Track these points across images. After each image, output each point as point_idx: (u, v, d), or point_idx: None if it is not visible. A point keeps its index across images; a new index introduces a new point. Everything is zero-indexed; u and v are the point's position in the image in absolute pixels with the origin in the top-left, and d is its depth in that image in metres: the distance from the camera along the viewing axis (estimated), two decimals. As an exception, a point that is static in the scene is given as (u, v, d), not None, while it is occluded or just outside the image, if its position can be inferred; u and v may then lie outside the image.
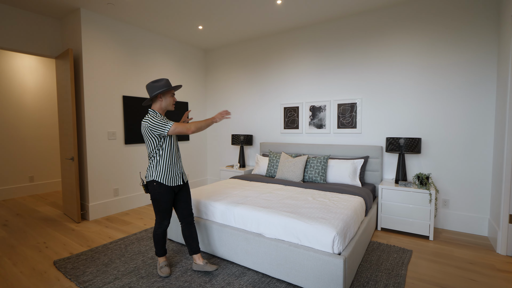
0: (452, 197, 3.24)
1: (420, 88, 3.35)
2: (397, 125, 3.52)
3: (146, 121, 2.12)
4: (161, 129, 2.09)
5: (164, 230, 2.29)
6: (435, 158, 3.31)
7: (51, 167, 5.36)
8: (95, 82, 3.65)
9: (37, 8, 3.49)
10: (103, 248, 2.77)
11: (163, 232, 2.29)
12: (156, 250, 2.32)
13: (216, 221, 2.63)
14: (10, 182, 4.80)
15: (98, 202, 3.72)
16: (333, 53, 3.93)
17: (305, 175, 3.60)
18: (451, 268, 2.39)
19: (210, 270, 2.26)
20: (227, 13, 3.67)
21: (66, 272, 2.31)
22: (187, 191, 2.37)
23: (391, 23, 3.48)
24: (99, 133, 3.71)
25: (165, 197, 2.20)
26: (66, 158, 3.69)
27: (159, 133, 2.10)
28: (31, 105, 5.05)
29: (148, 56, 4.35)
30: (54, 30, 3.83)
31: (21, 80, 4.90)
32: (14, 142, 4.83)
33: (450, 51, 3.16)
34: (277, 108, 4.54)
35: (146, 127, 2.10)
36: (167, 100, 2.24)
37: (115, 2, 3.35)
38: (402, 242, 2.93)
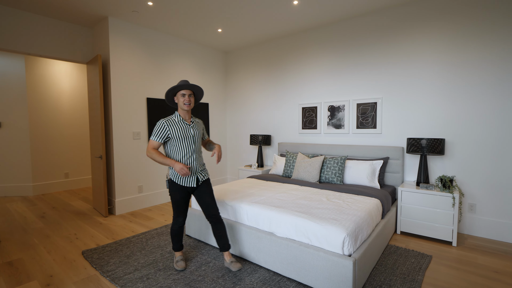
0: (479, 202, 3.06)
1: (444, 86, 3.20)
2: (419, 125, 3.38)
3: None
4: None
5: (180, 227, 2.39)
6: (460, 160, 3.14)
7: (84, 165, 5.77)
8: (121, 85, 3.89)
9: (71, 18, 3.79)
10: (126, 241, 2.95)
11: (178, 229, 2.39)
12: (172, 244, 2.44)
13: (229, 218, 2.71)
14: (48, 178, 5.24)
15: (123, 198, 3.96)
16: (351, 51, 3.86)
17: (322, 176, 3.57)
18: (473, 276, 2.27)
19: (232, 269, 2.26)
20: (245, 16, 3.74)
21: (93, 261, 2.50)
22: (206, 191, 2.34)
23: (412, 18, 3.35)
24: (125, 133, 3.95)
25: (177, 195, 2.29)
26: (95, 156, 3.97)
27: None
28: (67, 107, 5.47)
29: (171, 59, 4.54)
30: (86, 38, 4.13)
31: (57, 84, 5.33)
32: (52, 141, 5.27)
33: (476, 46, 2.98)
34: (295, 108, 4.53)
35: None
36: (179, 101, 2.28)
37: (140, 10, 3.54)
38: (422, 247, 2.83)
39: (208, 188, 2.37)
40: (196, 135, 2.33)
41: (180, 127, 2.27)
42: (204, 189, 2.35)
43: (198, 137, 2.35)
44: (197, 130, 2.36)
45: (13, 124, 4.91)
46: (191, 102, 2.28)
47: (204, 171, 2.40)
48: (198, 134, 2.35)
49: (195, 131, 2.33)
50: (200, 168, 2.36)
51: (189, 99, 2.27)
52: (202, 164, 2.41)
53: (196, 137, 2.33)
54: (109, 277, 2.24)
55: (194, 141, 2.31)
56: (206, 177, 2.40)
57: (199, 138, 2.37)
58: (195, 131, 2.33)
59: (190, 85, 2.27)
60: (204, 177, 2.38)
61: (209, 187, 2.38)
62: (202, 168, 2.38)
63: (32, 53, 3.63)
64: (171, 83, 4.56)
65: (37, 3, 3.32)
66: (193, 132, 2.32)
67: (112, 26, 3.77)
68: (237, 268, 2.25)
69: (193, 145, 2.30)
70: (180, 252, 2.46)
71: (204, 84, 5.14)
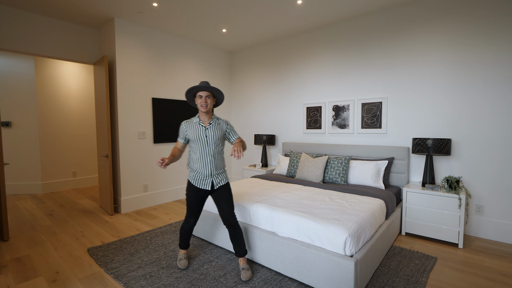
0: (487, 203, 3.00)
1: (451, 85, 3.15)
2: (424, 125, 3.33)
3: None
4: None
5: (190, 227, 2.39)
6: (467, 161, 3.08)
7: (91, 164, 5.86)
8: (127, 85, 3.94)
9: (78, 20, 3.86)
10: (130, 239, 2.99)
11: (189, 229, 2.39)
12: (179, 241, 2.45)
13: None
14: (56, 176, 5.34)
15: (129, 197, 4.01)
16: (356, 51, 3.83)
17: (325, 176, 3.55)
18: (478, 278, 2.23)
19: (242, 277, 2.18)
20: (248, 16, 3.75)
21: (97, 259, 2.54)
22: (223, 196, 2.27)
23: (417, 17, 3.31)
24: (130, 133, 4.00)
25: (192, 196, 2.29)
26: (101, 155, 4.03)
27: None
28: (74, 107, 5.57)
29: (176, 59, 4.58)
30: (93, 39, 4.20)
31: (66, 85, 5.43)
32: (60, 141, 5.37)
33: (483, 44, 2.92)
34: (300, 108, 4.52)
35: None
36: (197, 102, 2.26)
37: (145, 11, 3.58)
38: (427, 248, 2.79)
39: (226, 193, 2.29)
40: (211, 137, 2.24)
41: (195, 129, 2.24)
42: (221, 193, 2.28)
43: (214, 140, 2.25)
44: (214, 132, 2.26)
45: (23, 123, 5.02)
46: (208, 104, 2.21)
47: (221, 175, 2.30)
48: (214, 136, 2.25)
49: (210, 134, 2.24)
50: (216, 172, 2.27)
51: (206, 101, 2.21)
52: (220, 167, 2.30)
53: (210, 140, 2.24)
54: (113, 274, 2.28)
55: (207, 144, 2.23)
56: (224, 182, 2.31)
57: (216, 140, 2.26)
58: (211, 134, 2.24)
59: (207, 87, 2.20)
60: (221, 181, 2.29)
61: (227, 192, 2.29)
62: (219, 172, 2.29)
63: (41, 54, 3.71)
64: (177, 83, 4.60)
65: (46, 5, 3.39)
66: (208, 134, 2.23)
67: (118, 27, 3.82)
68: (246, 277, 2.17)
69: (206, 147, 2.23)
70: (184, 250, 2.48)
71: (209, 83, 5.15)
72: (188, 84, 4.79)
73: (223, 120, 2.38)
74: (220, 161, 2.31)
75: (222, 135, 2.32)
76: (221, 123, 2.34)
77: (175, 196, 4.64)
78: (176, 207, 4.21)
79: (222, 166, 2.33)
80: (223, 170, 2.35)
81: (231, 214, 2.29)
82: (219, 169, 2.30)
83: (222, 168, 2.34)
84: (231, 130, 2.38)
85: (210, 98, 2.25)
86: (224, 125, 2.35)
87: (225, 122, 2.37)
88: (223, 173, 2.34)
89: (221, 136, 2.30)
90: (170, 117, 4.50)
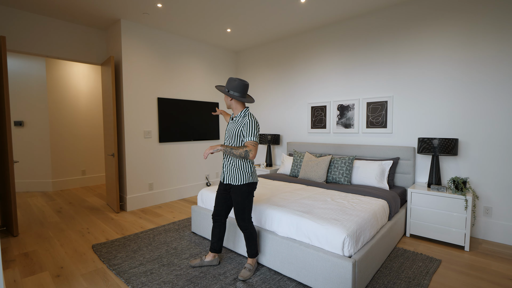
0: (495, 205, 2.91)
1: (457, 84, 3.07)
2: (431, 124, 3.26)
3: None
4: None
5: (215, 222, 2.35)
6: (475, 161, 3.00)
7: (99, 163, 5.99)
8: (133, 86, 4.01)
9: (86, 21, 3.95)
10: (134, 236, 3.04)
11: (214, 221, 2.36)
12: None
13: (231, 216, 2.73)
14: (66, 174, 5.48)
15: (134, 195, 4.08)
16: (361, 49, 3.78)
17: (329, 176, 3.52)
18: (484, 282, 2.17)
19: (238, 276, 2.20)
20: (253, 16, 3.75)
21: (101, 255, 2.59)
22: (234, 198, 2.21)
23: (423, 14, 3.23)
24: (136, 132, 4.06)
25: (218, 187, 2.37)
26: (108, 154, 4.12)
27: None
28: (84, 107, 5.70)
29: (181, 60, 4.63)
30: (100, 40, 4.29)
31: (76, 85, 5.57)
32: (70, 140, 5.51)
33: (490, 42, 2.84)
34: (305, 108, 4.50)
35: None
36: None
37: (150, 12, 3.64)
38: (431, 250, 2.73)
39: (236, 197, 2.20)
40: (228, 131, 2.24)
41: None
42: (232, 195, 2.24)
43: (229, 134, 2.21)
44: (232, 127, 2.21)
45: (34, 123, 5.17)
46: (226, 103, 2.29)
47: (233, 174, 2.19)
48: (230, 131, 2.21)
49: (229, 128, 2.25)
50: (228, 168, 2.21)
51: (225, 100, 2.30)
52: (233, 165, 2.19)
53: (227, 134, 2.26)
54: (115, 270, 2.32)
55: (225, 137, 2.30)
56: (234, 182, 2.18)
57: (231, 135, 2.20)
58: (230, 128, 2.24)
59: (219, 88, 2.29)
60: (231, 180, 2.21)
61: (235, 196, 2.21)
62: (231, 169, 2.20)
63: (52, 56, 3.81)
64: (182, 83, 4.64)
65: (56, 8, 3.49)
66: (228, 128, 2.27)
67: (124, 28, 3.89)
68: (242, 276, 2.18)
69: (224, 141, 2.30)
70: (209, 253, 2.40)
71: (214, 83, 5.19)
72: (194, 84, 4.83)
73: (247, 119, 2.17)
74: (233, 158, 2.19)
75: (238, 132, 2.17)
76: (242, 120, 2.18)
77: (180, 195, 4.69)
78: (181, 206, 4.25)
79: (237, 165, 2.18)
80: (237, 169, 2.18)
81: (238, 216, 2.22)
82: (231, 165, 2.20)
83: (237, 167, 2.18)
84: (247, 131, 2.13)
85: (227, 98, 2.27)
86: (242, 123, 2.16)
87: (245, 121, 2.16)
88: (237, 172, 2.18)
89: (237, 133, 2.17)
90: (176, 117, 4.55)
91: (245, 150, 2.06)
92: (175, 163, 4.60)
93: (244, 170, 2.18)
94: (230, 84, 2.20)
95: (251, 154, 2.07)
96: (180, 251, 2.69)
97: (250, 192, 2.21)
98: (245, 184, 2.18)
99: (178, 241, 2.93)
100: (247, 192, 2.20)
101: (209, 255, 2.40)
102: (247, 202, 2.21)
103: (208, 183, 5.13)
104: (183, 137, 4.68)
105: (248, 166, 2.21)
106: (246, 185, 2.18)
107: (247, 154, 2.06)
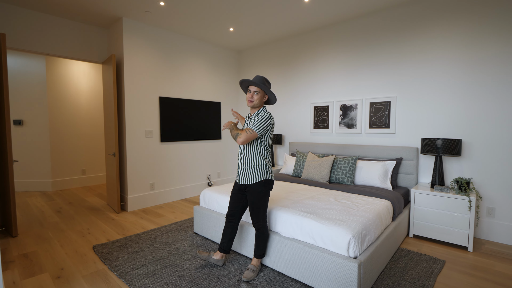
0: (499, 206, 2.90)
1: (461, 84, 3.05)
2: (434, 125, 3.25)
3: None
4: None
5: (227, 222, 2.32)
6: (478, 162, 2.99)
7: (100, 162, 5.95)
8: (134, 85, 3.98)
9: (88, 20, 3.92)
10: (135, 237, 3.01)
11: (227, 221, 2.33)
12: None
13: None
14: (66, 174, 5.44)
15: (136, 195, 4.05)
16: (364, 50, 3.77)
17: (332, 176, 3.50)
18: (488, 283, 2.16)
19: (242, 277, 2.16)
20: (256, 15, 3.73)
21: (102, 256, 2.56)
22: (250, 198, 2.19)
23: (427, 15, 3.22)
24: (137, 131, 4.03)
25: (233, 186, 2.34)
26: (109, 153, 4.08)
27: None
28: (84, 106, 5.66)
29: (183, 58, 4.60)
30: (102, 38, 4.25)
31: (76, 84, 5.53)
32: (70, 139, 5.47)
33: (494, 42, 2.83)
34: (307, 108, 4.48)
35: None
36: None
37: (152, 10, 3.61)
38: (435, 251, 2.71)
39: (252, 197, 2.17)
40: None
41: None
42: (248, 195, 2.21)
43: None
44: (248, 125, 2.19)
45: (34, 122, 5.13)
46: (253, 99, 2.13)
47: (248, 173, 2.17)
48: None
49: (244, 127, 2.23)
50: (243, 166, 2.20)
51: (252, 96, 2.14)
52: (249, 164, 2.18)
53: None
54: (117, 271, 2.29)
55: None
56: (250, 181, 2.16)
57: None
58: (245, 127, 2.22)
59: (256, 83, 2.11)
60: (246, 180, 2.18)
61: (251, 196, 2.18)
62: (246, 168, 2.19)
63: (52, 54, 3.78)
64: (184, 83, 4.61)
65: (57, 5, 3.45)
66: (244, 127, 2.23)
67: (126, 26, 3.86)
68: (245, 277, 2.14)
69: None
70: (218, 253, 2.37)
71: (216, 83, 5.17)
72: (196, 83, 4.80)
73: (265, 112, 2.17)
74: (249, 158, 2.17)
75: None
76: (256, 116, 2.17)
77: (182, 195, 4.67)
78: (182, 206, 4.22)
79: (252, 163, 2.16)
80: (251, 168, 2.16)
81: (253, 216, 2.20)
82: (247, 164, 2.18)
83: (253, 166, 2.16)
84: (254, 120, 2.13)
85: (259, 94, 2.14)
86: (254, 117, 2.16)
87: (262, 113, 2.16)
88: (251, 171, 2.16)
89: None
90: (177, 116, 4.52)
91: (237, 133, 2.11)
92: (177, 163, 4.57)
93: (259, 168, 2.16)
94: (265, 88, 2.13)
95: (239, 138, 2.08)
96: (183, 252, 2.66)
97: (266, 192, 2.19)
98: (262, 182, 2.15)
99: (180, 241, 2.90)
100: (263, 193, 2.18)
101: (217, 254, 2.38)
102: (263, 202, 2.19)
103: (210, 183, 5.11)
104: (185, 137, 4.66)
105: (263, 163, 2.17)
106: (263, 183, 2.16)
107: (236, 136, 2.10)
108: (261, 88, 2.13)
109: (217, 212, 2.91)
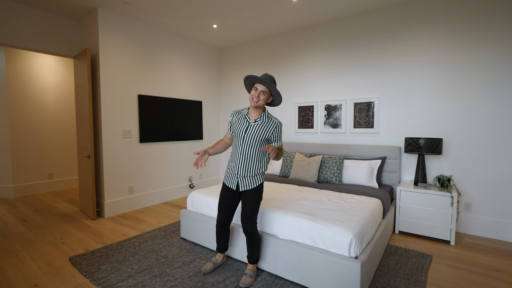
0: (475, 201, 3.09)
1: (442, 86, 3.21)
2: (416, 125, 3.39)
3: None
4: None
5: (220, 226, 2.24)
6: (457, 160, 3.16)
7: (69, 165, 5.50)
8: (111, 81, 3.70)
9: (57, 10, 3.57)
10: (117, 245, 2.79)
11: (219, 228, 2.25)
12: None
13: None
14: (30, 178, 4.95)
15: (113, 200, 3.77)
16: (349, 51, 3.83)
17: (320, 176, 3.52)
18: (474, 275, 2.27)
19: (240, 283, 2.09)
20: (241, 12, 3.64)
21: (81, 268, 2.33)
22: (247, 201, 2.09)
23: (411, 19, 3.35)
24: (114, 132, 3.76)
25: (222, 192, 2.21)
26: (82, 156, 3.77)
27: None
28: (50, 104, 5.19)
29: (163, 55, 4.38)
30: (73, 31, 3.91)
31: (40, 79, 5.05)
32: (34, 140, 4.98)
33: (474, 47, 3.01)
34: (292, 107, 4.47)
35: None
36: (251, 93, 2.06)
37: (132, 2, 3.38)
38: (421, 246, 2.82)
39: (252, 198, 2.08)
40: (251, 135, 2.02)
41: (241, 121, 2.08)
42: (247, 196, 2.10)
43: (253, 138, 2.02)
44: (257, 130, 2.03)
45: (-9, 121, 4.60)
46: (259, 99, 1.99)
47: (251, 179, 2.08)
48: (255, 135, 2.02)
49: (252, 131, 2.03)
50: (246, 174, 2.07)
51: (258, 95, 1.98)
52: (253, 171, 2.07)
53: (249, 137, 2.03)
54: (101, 285, 2.09)
55: (244, 140, 2.05)
56: (251, 186, 2.07)
57: (256, 140, 2.03)
58: (253, 131, 2.03)
59: (266, 82, 1.96)
60: (247, 185, 2.08)
61: (252, 197, 2.08)
62: (249, 175, 2.07)
63: (14, 45, 3.40)
64: (164, 80, 4.39)
65: (19, -9, 3.11)
66: (250, 130, 2.03)
67: (102, 18, 3.58)
68: (243, 283, 2.07)
69: (242, 144, 2.05)
70: (218, 254, 2.39)
71: (197, 81, 4.99)
72: (176, 81, 4.60)
73: (275, 121, 2.07)
74: (254, 164, 2.07)
75: (266, 137, 2.05)
76: (270, 123, 2.06)
77: (163, 198, 4.44)
78: (164, 210, 4.01)
79: (256, 170, 2.08)
80: (256, 174, 2.09)
81: (249, 219, 2.09)
82: (250, 171, 2.07)
83: (256, 172, 2.08)
84: (277, 135, 2.08)
85: (265, 94, 2.00)
86: (272, 127, 2.05)
87: (276, 124, 2.06)
88: (255, 176, 2.09)
89: (264, 137, 2.04)
90: (157, 116, 4.29)
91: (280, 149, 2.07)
92: (157, 164, 4.34)
93: (261, 171, 2.13)
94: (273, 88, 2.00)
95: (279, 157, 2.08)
96: (171, 259, 2.51)
97: (262, 192, 2.17)
98: (261, 184, 2.14)
99: (167, 248, 2.73)
100: (261, 195, 2.16)
101: (219, 255, 2.35)
102: (259, 204, 2.15)
103: (192, 184, 4.92)
104: (165, 137, 4.44)
105: (265, 166, 2.16)
106: (262, 185, 2.15)
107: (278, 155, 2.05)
108: (269, 88, 2.00)
109: (207, 215, 2.78)
